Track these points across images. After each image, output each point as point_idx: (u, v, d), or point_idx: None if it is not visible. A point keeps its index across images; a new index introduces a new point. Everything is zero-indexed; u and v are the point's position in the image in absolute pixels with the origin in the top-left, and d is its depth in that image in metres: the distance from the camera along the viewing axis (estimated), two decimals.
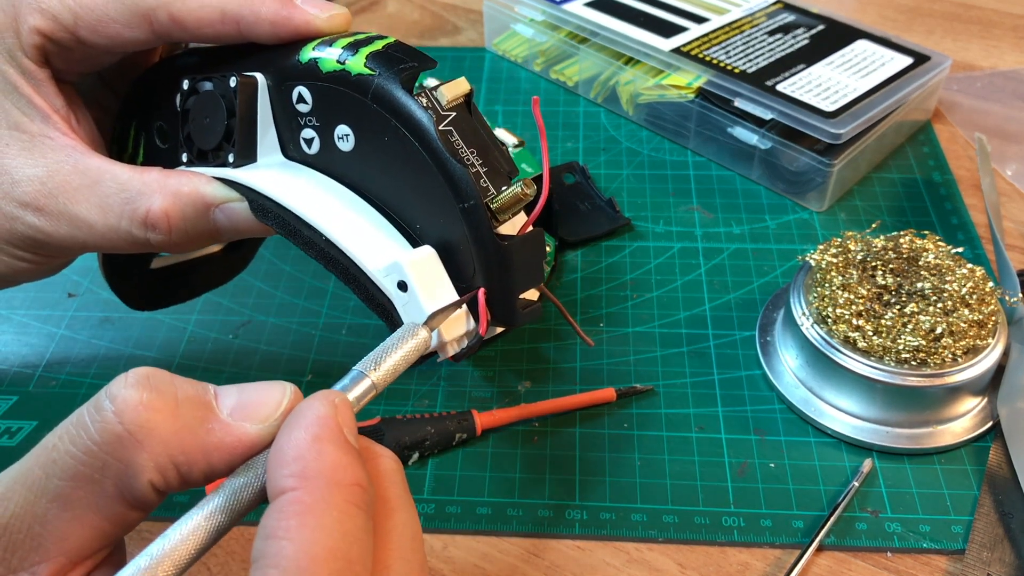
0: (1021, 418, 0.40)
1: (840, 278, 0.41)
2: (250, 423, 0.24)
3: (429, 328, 0.28)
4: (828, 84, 0.54)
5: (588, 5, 0.63)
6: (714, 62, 0.56)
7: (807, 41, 0.59)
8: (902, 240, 0.43)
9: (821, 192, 0.53)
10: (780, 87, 0.54)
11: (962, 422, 0.40)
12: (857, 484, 0.38)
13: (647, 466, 0.40)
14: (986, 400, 0.41)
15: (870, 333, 0.39)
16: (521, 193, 0.29)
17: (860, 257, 0.42)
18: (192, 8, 0.32)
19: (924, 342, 0.38)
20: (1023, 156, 0.58)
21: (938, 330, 0.39)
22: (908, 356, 0.39)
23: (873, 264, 0.42)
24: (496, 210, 0.29)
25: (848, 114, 0.51)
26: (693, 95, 0.56)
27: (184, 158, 0.35)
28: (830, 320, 0.40)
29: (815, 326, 0.41)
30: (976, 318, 0.39)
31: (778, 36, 0.59)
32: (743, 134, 0.54)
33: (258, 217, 0.33)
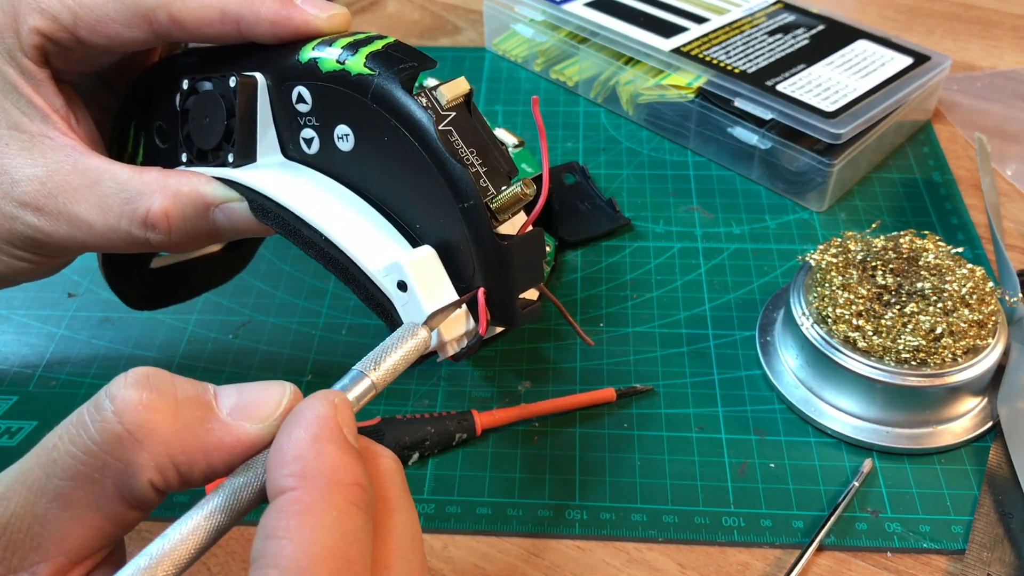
0: (1021, 418, 0.40)
1: (840, 278, 0.41)
2: (250, 423, 0.24)
3: (429, 328, 0.28)
4: (828, 84, 0.54)
5: (588, 5, 0.63)
6: (714, 62, 0.56)
7: (807, 41, 0.59)
8: (902, 240, 0.43)
9: (821, 192, 0.53)
10: (780, 87, 0.54)
11: (962, 422, 0.40)
12: (857, 484, 0.38)
13: (647, 466, 0.40)
14: (986, 400, 0.41)
15: (870, 333, 0.39)
16: (521, 193, 0.29)
17: (860, 257, 0.42)
18: (192, 8, 0.32)
19: (924, 342, 0.38)
20: (1023, 156, 0.58)
21: (938, 330, 0.39)
22: (908, 356, 0.39)
23: (873, 264, 0.42)
24: (496, 210, 0.29)
25: (848, 114, 0.51)
26: (693, 95, 0.56)
27: (184, 158, 0.35)
28: (830, 320, 0.40)
29: (815, 326, 0.41)
30: (976, 318, 0.39)
31: (778, 36, 0.59)
32: (743, 134, 0.54)
33: (258, 217, 0.33)
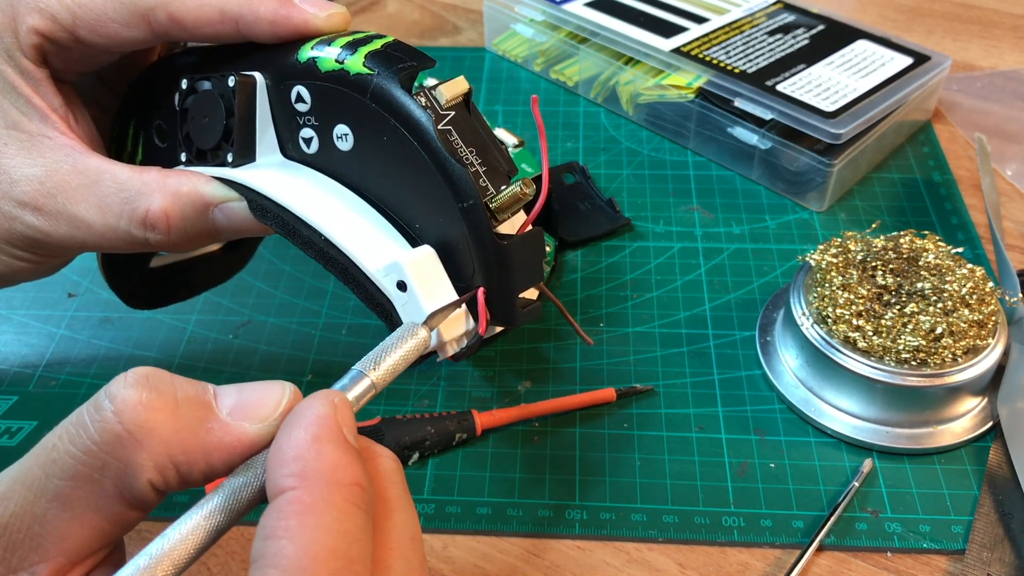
0: (1021, 418, 0.40)
1: (840, 278, 0.41)
2: (249, 423, 0.24)
3: (428, 328, 0.28)
4: (828, 84, 0.54)
5: (588, 5, 0.63)
6: (714, 62, 0.56)
7: (807, 41, 0.59)
8: (902, 240, 0.43)
9: (821, 192, 0.53)
10: (780, 87, 0.54)
11: (962, 422, 0.40)
12: (857, 484, 0.38)
13: (647, 466, 0.40)
14: (986, 400, 0.41)
15: (870, 333, 0.39)
16: (520, 192, 0.29)
17: (860, 257, 0.42)
18: (191, 8, 0.32)
19: (924, 342, 0.38)
20: (1023, 156, 0.58)
21: (938, 330, 0.39)
22: (908, 356, 0.39)
23: (873, 264, 0.42)
24: (495, 209, 0.29)
25: (848, 114, 0.51)
26: (693, 95, 0.56)
27: (183, 157, 0.35)
28: (830, 320, 0.40)
29: (815, 326, 0.41)
30: (976, 318, 0.39)
31: (778, 36, 0.59)
32: (743, 134, 0.54)
33: (257, 217, 0.33)
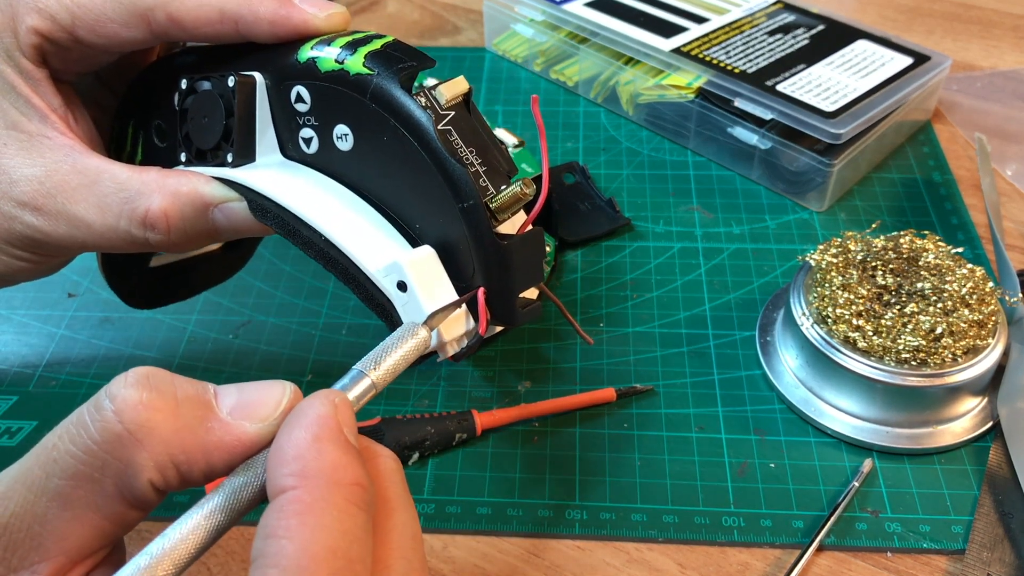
0: (1021, 418, 0.40)
1: (840, 278, 0.41)
2: (250, 422, 0.24)
3: (429, 328, 0.28)
4: (828, 84, 0.54)
5: (588, 5, 0.63)
6: (714, 62, 0.56)
7: (807, 41, 0.59)
8: (902, 240, 0.43)
9: (821, 192, 0.53)
10: (780, 87, 0.54)
11: (962, 422, 0.40)
12: (857, 484, 0.38)
13: (647, 466, 0.40)
14: (986, 400, 0.41)
15: (870, 333, 0.39)
16: (520, 192, 0.29)
17: (860, 257, 0.42)
18: (190, 8, 0.32)
19: (924, 342, 0.38)
20: (1023, 156, 0.58)
21: (938, 330, 0.39)
22: (908, 356, 0.39)
23: (873, 264, 0.42)
24: (495, 209, 0.29)
25: (848, 114, 0.51)
26: (693, 95, 0.56)
27: (183, 157, 0.35)
28: (830, 320, 0.40)
29: (815, 326, 0.41)
30: (976, 318, 0.39)
31: (778, 36, 0.59)
32: (743, 134, 0.54)
33: (257, 217, 0.33)
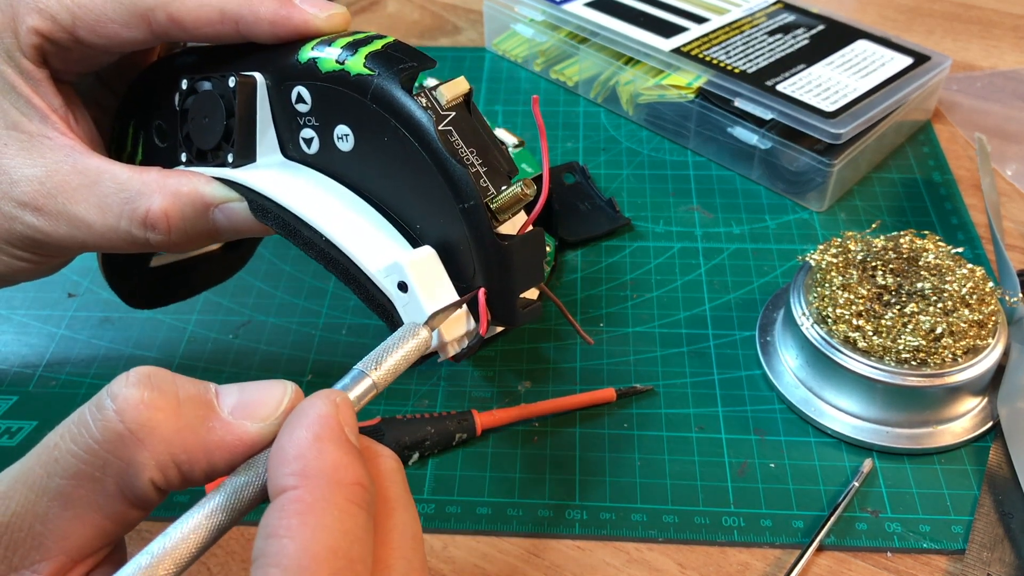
0: (1021, 418, 0.40)
1: (840, 278, 0.41)
2: (251, 422, 0.24)
3: (430, 328, 0.28)
4: (828, 84, 0.54)
5: (588, 5, 0.63)
6: (714, 62, 0.56)
7: (807, 41, 0.59)
8: (902, 240, 0.43)
9: (821, 192, 0.53)
10: (780, 87, 0.54)
11: (962, 422, 0.40)
12: (857, 484, 0.38)
13: (647, 466, 0.40)
14: (986, 400, 0.41)
15: (870, 333, 0.39)
16: (521, 193, 0.29)
17: (860, 257, 0.42)
18: (191, 8, 0.32)
19: (924, 342, 0.38)
20: (1023, 156, 0.58)
21: (938, 330, 0.39)
22: (908, 356, 0.39)
23: (873, 264, 0.42)
24: (496, 210, 0.29)
25: (848, 114, 0.51)
26: (693, 95, 0.56)
27: (183, 158, 0.35)
28: (830, 320, 0.40)
29: (815, 326, 0.41)
30: (976, 318, 0.39)
31: (778, 36, 0.59)
32: (743, 134, 0.54)
33: (258, 217, 0.33)
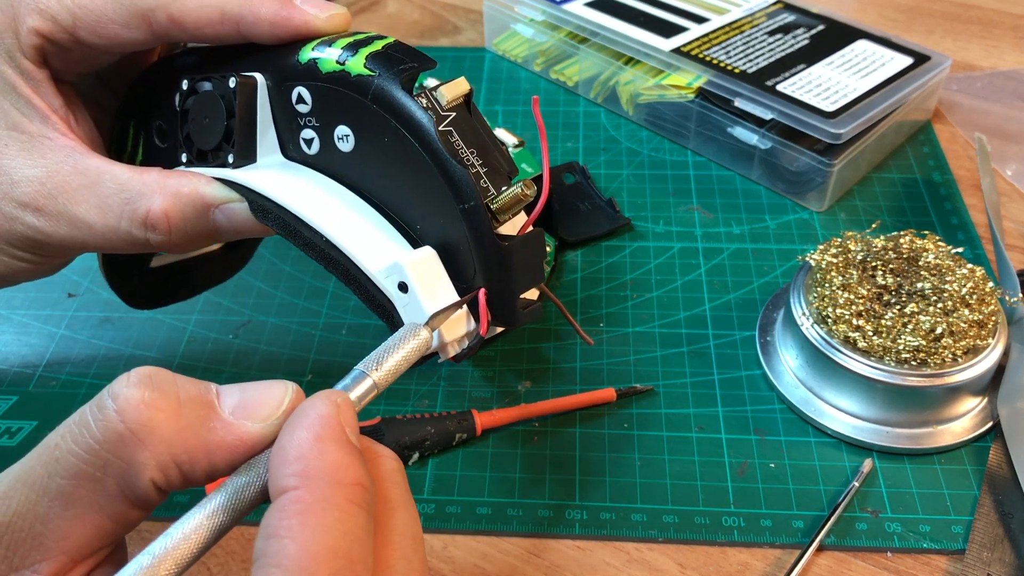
0: (1021, 418, 0.40)
1: (840, 278, 0.41)
2: (252, 422, 0.24)
3: (430, 328, 0.28)
4: (828, 84, 0.54)
5: (588, 5, 0.63)
6: (714, 62, 0.56)
7: (807, 41, 0.59)
8: (902, 240, 0.43)
9: (821, 192, 0.53)
10: (780, 87, 0.54)
11: (962, 422, 0.40)
12: (857, 484, 0.38)
13: (647, 466, 0.40)
14: (986, 400, 0.41)
15: (870, 333, 0.39)
16: (521, 193, 0.29)
17: (860, 257, 0.42)
18: (191, 8, 0.32)
19: (924, 342, 0.38)
20: (1023, 156, 0.58)
21: (938, 330, 0.39)
22: (908, 356, 0.39)
23: (873, 264, 0.42)
24: (496, 210, 0.29)
25: (848, 114, 0.51)
26: (693, 95, 0.56)
27: (184, 158, 0.35)
28: (830, 320, 0.40)
29: (815, 326, 0.41)
30: (976, 318, 0.39)
31: (778, 36, 0.59)
32: (743, 134, 0.54)
33: (258, 218, 0.33)
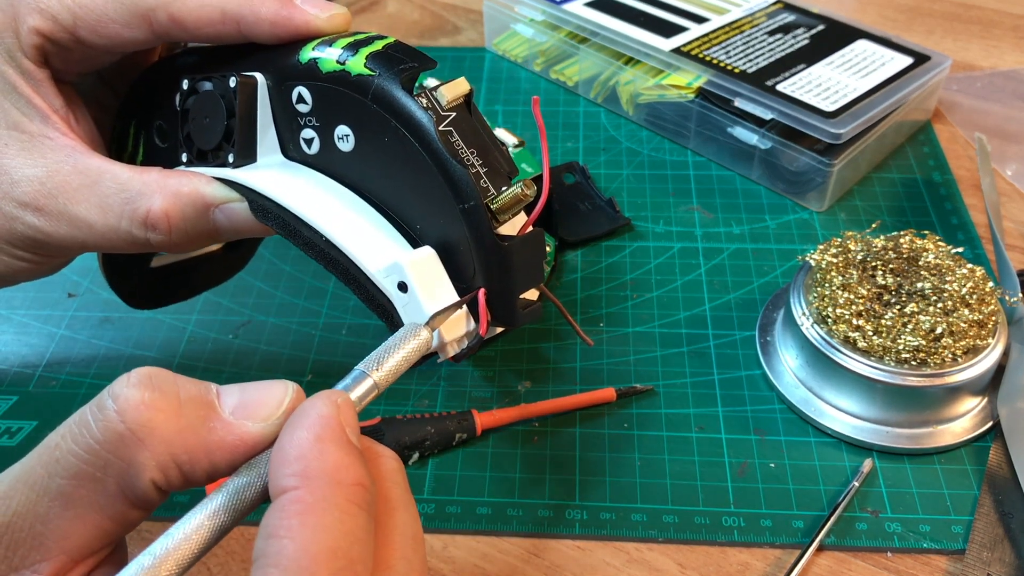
0: (1021, 418, 0.40)
1: (840, 278, 0.41)
2: (252, 422, 0.24)
3: (430, 328, 0.28)
4: (828, 84, 0.54)
5: (588, 5, 0.63)
6: (714, 62, 0.56)
7: (807, 41, 0.59)
8: (902, 240, 0.43)
9: (821, 192, 0.53)
10: (780, 87, 0.54)
11: (962, 422, 0.40)
12: (857, 484, 0.38)
13: (647, 466, 0.40)
14: (986, 400, 0.41)
15: (870, 333, 0.39)
16: (521, 194, 0.29)
17: (860, 257, 0.42)
18: (192, 8, 0.32)
19: (924, 342, 0.38)
20: (1023, 156, 0.58)
21: (938, 330, 0.39)
22: (908, 356, 0.39)
23: (873, 264, 0.42)
24: (496, 211, 0.29)
25: (848, 114, 0.51)
26: (693, 95, 0.56)
27: (184, 158, 0.35)
28: (830, 320, 0.40)
29: (815, 326, 0.41)
30: (976, 318, 0.39)
31: (778, 36, 0.59)
32: (743, 134, 0.54)
33: (258, 217, 0.33)
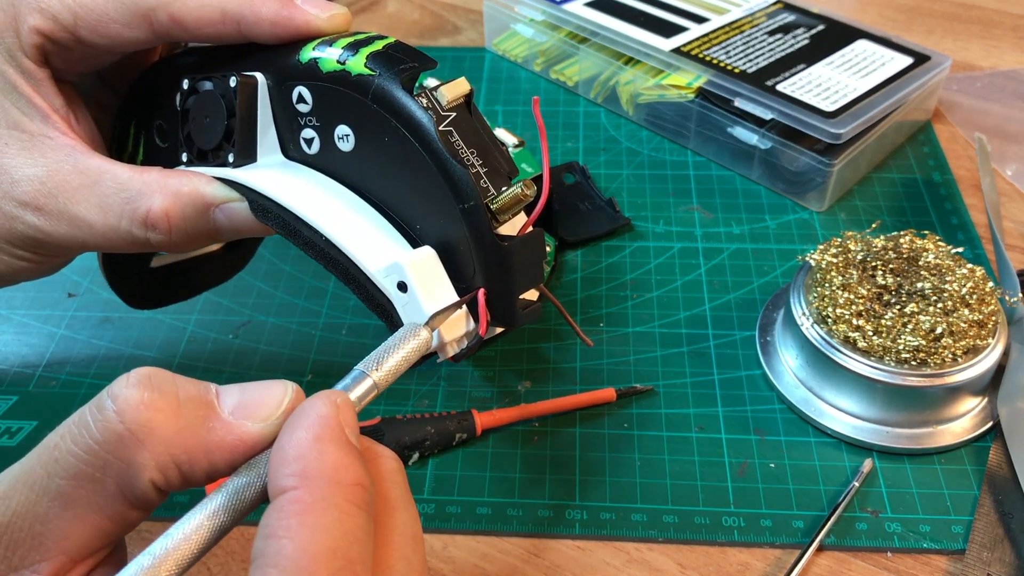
0: (1021, 418, 0.40)
1: (840, 278, 0.41)
2: (251, 422, 0.24)
3: (430, 328, 0.28)
4: (828, 84, 0.54)
5: (588, 5, 0.63)
6: (714, 62, 0.56)
7: (807, 41, 0.59)
8: (902, 240, 0.43)
9: (821, 192, 0.53)
10: (780, 87, 0.54)
11: (962, 422, 0.40)
12: (857, 484, 0.38)
13: (647, 466, 0.40)
14: (986, 400, 0.41)
15: (870, 333, 0.39)
16: (521, 194, 0.29)
17: (860, 257, 0.42)
18: (192, 8, 0.32)
19: (924, 342, 0.38)
20: (1023, 156, 0.58)
21: (938, 330, 0.39)
22: (908, 356, 0.39)
23: (873, 264, 0.42)
24: (496, 211, 0.29)
25: (848, 114, 0.51)
26: (693, 95, 0.56)
27: (184, 158, 0.35)
28: (830, 320, 0.40)
29: (815, 326, 0.41)
30: (976, 318, 0.39)
31: (778, 36, 0.59)
32: (743, 134, 0.54)
33: (258, 217, 0.33)
